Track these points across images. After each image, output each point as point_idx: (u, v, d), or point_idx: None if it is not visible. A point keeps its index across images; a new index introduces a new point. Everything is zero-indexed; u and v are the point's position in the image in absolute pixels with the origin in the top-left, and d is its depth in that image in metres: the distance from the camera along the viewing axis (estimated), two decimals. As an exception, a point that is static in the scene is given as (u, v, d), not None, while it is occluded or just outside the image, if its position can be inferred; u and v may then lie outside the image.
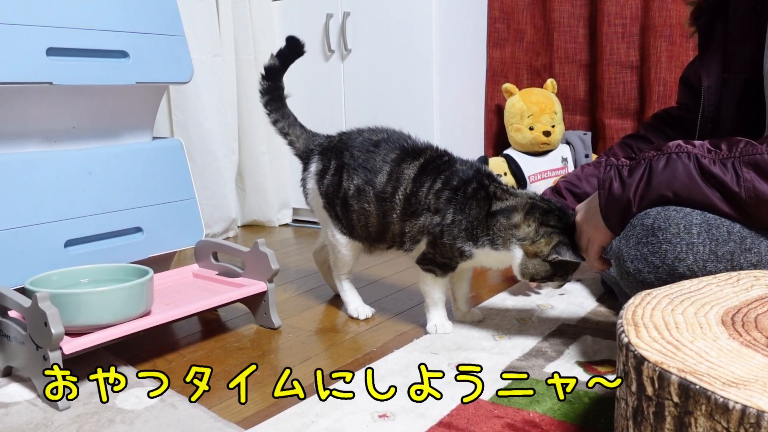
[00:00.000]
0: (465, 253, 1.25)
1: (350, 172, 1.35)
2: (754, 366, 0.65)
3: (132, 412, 1.06)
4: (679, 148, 1.05)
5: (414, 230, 1.30)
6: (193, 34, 2.22)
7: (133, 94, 1.58)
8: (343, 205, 1.38)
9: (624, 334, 0.74)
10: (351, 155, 1.36)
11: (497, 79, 2.56)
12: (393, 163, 1.31)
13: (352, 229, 1.41)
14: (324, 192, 1.42)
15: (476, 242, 1.23)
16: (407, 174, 1.29)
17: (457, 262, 1.29)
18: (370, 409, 1.03)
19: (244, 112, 2.55)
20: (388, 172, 1.31)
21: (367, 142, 1.37)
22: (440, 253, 1.28)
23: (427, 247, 1.29)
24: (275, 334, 1.42)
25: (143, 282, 1.22)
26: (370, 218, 1.34)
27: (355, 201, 1.35)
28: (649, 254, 1.03)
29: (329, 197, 1.41)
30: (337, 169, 1.38)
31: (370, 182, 1.32)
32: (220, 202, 2.43)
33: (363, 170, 1.33)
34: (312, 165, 1.45)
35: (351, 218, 1.38)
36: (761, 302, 0.83)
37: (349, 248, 1.45)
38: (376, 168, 1.32)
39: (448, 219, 1.25)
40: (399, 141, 1.35)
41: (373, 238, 1.38)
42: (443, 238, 1.25)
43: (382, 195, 1.31)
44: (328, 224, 1.46)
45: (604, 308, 1.50)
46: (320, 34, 2.50)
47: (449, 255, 1.27)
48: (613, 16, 2.37)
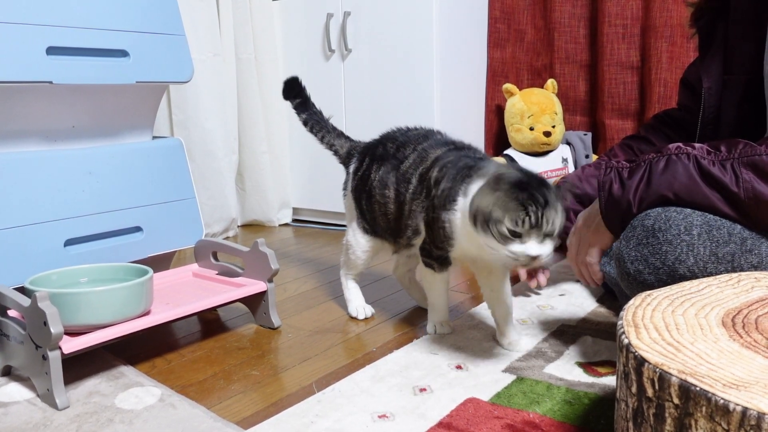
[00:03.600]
0: (446, 230, 1.16)
1: (379, 162, 1.34)
2: (755, 368, 0.65)
3: (131, 411, 1.06)
4: (679, 150, 1.06)
5: (417, 210, 1.24)
6: (193, 33, 2.22)
7: (133, 93, 1.57)
8: (368, 198, 1.37)
9: (624, 335, 0.74)
10: (384, 148, 1.36)
11: (498, 79, 2.56)
12: (421, 150, 1.29)
13: (375, 222, 1.38)
14: (354, 188, 1.42)
15: (452, 206, 1.13)
16: (431, 155, 1.26)
17: (447, 250, 1.21)
18: (369, 410, 1.03)
19: (244, 112, 2.55)
20: (414, 156, 1.28)
21: (402, 135, 1.36)
22: (432, 240, 1.23)
23: (425, 234, 1.25)
24: (275, 334, 1.42)
25: (143, 281, 1.22)
26: (389, 205, 1.31)
27: (377, 189, 1.33)
28: (650, 255, 1.03)
29: (358, 191, 1.40)
30: (370, 164, 1.37)
31: (395, 167, 1.30)
32: (220, 201, 2.43)
33: (392, 159, 1.32)
34: (351, 167, 1.46)
35: (374, 209, 1.36)
36: (762, 304, 0.83)
37: (366, 248, 1.44)
38: (404, 155, 1.30)
39: (440, 189, 1.18)
40: (434, 135, 1.34)
41: (392, 229, 1.34)
42: (434, 211, 1.18)
43: (402, 177, 1.28)
44: (353, 223, 1.45)
45: (605, 309, 1.50)
46: (321, 33, 2.50)
47: (439, 239, 1.20)
48: (613, 17, 2.37)
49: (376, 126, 2.04)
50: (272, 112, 2.61)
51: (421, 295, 1.57)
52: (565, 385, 1.10)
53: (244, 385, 1.16)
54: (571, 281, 1.73)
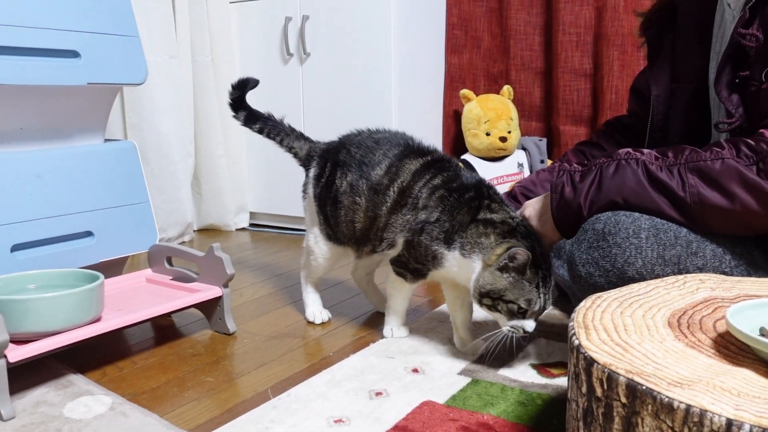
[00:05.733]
0: (438, 258, 1.20)
1: (345, 169, 1.32)
2: (699, 366, 0.67)
3: (80, 421, 1.03)
4: (628, 155, 1.08)
5: (397, 225, 1.25)
6: (148, 34, 2.18)
7: (85, 94, 1.54)
8: (333, 204, 1.35)
9: (575, 337, 0.76)
10: (348, 153, 1.34)
11: (455, 84, 2.59)
12: (394, 158, 1.28)
13: (338, 229, 1.36)
14: (318, 195, 1.40)
15: (450, 245, 1.17)
16: (408, 168, 1.25)
17: (429, 269, 1.24)
18: (325, 415, 1.03)
19: (200, 115, 2.52)
20: (387, 166, 1.27)
21: (367, 140, 1.35)
22: (414, 257, 1.24)
23: (402, 248, 1.25)
24: (230, 340, 1.40)
25: (93, 287, 1.19)
26: (357, 213, 1.30)
27: (346, 197, 1.31)
28: (600, 258, 1.06)
29: (321, 198, 1.39)
30: (333, 168, 1.36)
31: (365, 175, 1.29)
32: (176, 205, 2.39)
33: (359, 165, 1.30)
34: (311, 170, 1.44)
35: (339, 216, 1.34)
36: (706, 305, 0.85)
37: (328, 256, 1.43)
38: (374, 162, 1.29)
39: (433, 217, 1.19)
40: (403, 139, 1.33)
41: (358, 237, 1.33)
42: (422, 235, 1.20)
43: (376, 187, 1.27)
44: (314, 228, 1.44)
45: (558, 311, 1.52)
46: (279, 37, 2.49)
47: (423, 259, 1.22)
48: (567, 25, 2.42)
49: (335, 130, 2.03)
50: (229, 115, 2.56)
51: (379, 298, 1.57)
52: (519, 387, 1.11)
53: (198, 392, 1.14)
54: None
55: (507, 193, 1.59)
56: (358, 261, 1.52)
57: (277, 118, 1.56)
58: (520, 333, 1.13)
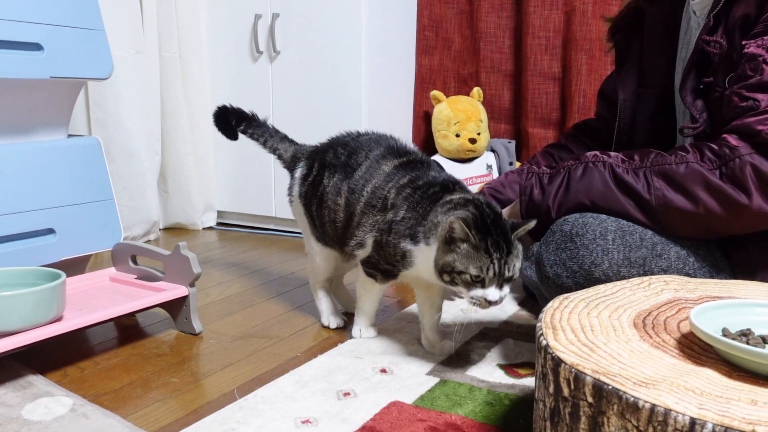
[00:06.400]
0: (407, 256, 1.18)
1: (331, 169, 1.32)
2: (663, 366, 0.68)
3: (40, 423, 1.00)
4: (596, 158, 1.10)
5: (367, 226, 1.24)
6: (114, 28, 2.14)
7: (47, 89, 1.50)
8: (318, 204, 1.34)
9: (543, 337, 0.76)
10: (334, 154, 1.33)
11: (425, 86, 2.60)
12: (373, 159, 1.27)
13: (324, 229, 1.35)
14: (304, 194, 1.38)
15: (416, 240, 1.15)
16: (383, 169, 1.25)
17: (399, 270, 1.22)
18: (293, 416, 1.02)
19: (168, 112, 2.48)
20: (366, 167, 1.27)
21: (353, 141, 1.34)
22: (383, 258, 1.23)
23: (372, 249, 1.24)
24: (196, 340, 1.38)
25: (54, 286, 1.16)
26: (338, 214, 1.29)
27: (329, 197, 1.30)
28: (568, 259, 1.07)
29: (308, 198, 1.37)
30: (320, 169, 1.35)
31: (347, 176, 1.28)
32: (141, 203, 2.35)
33: (343, 167, 1.30)
34: (297, 171, 1.42)
35: (323, 217, 1.33)
36: (670, 306, 0.87)
37: (323, 257, 1.41)
38: (356, 163, 1.29)
39: (399, 215, 1.18)
40: (386, 141, 1.32)
41: (340, 237, 1.32)
42: (390, 235, 1.19)
43: (353, 188, 1.26)
44: (307, 231, 1.43)
45: (526, 312, 1.54)
46: (249, 34, 2.46)
47: (392, 259, 1.21)
48: (537, 29, 2.44)
49: (304, 129, 2.02)
50: (197, 112, 2.55)
51: (347, 299, 1.56)
52: (486, 387, 1.12)
53: (162, 392, 1.12)
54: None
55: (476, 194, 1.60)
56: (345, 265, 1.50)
57: (261, 119, 1.54)
58: (485, 304, 1.08)
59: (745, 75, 1.03)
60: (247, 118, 1.54)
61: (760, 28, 1.03)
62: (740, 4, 1.08)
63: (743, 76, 1.03)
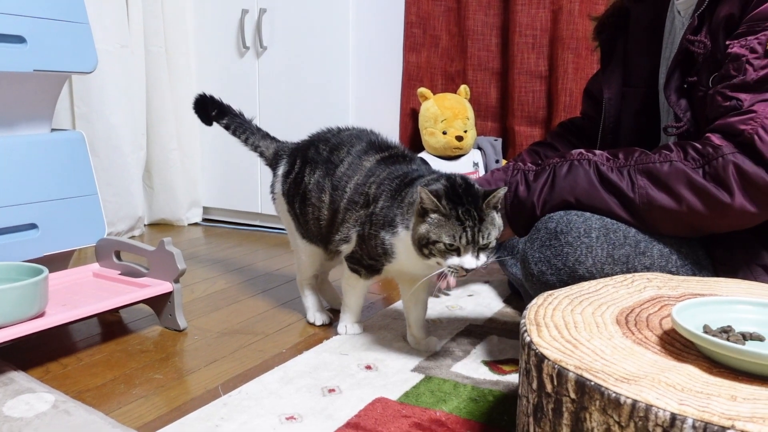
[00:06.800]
0: (388, 248, 1.17)
1: (313, 166, 1.31)
2: (645, 362, 0.69)
3: (21, 419, 0.99)
4: (581, 156, 1.10)
5: (350, 221, 1.24)
6: (99, 22, 2.12)
7: (31, 82, 1.48)
8: (301, 201, 1.34)
9: (526, 334, 0.77)
10: (316, 150, 1.33)
11: (413, 83, 2.60)
12: (355, 155, 1.27)
13: (308, 226, 1.35)
14: (286, 191, 1.38)
15: (394, 228, 1.15)
16: (365, 164, 1.25)
17: (382, 264, 1.22)
18: (277, 412, 1.02)
19: (153, 107, 2.46)
20: (349, 162, 1.27)
21: (334, 137, 1.33)
22: (367, 252, 1.23)
23: (355, 245, 1.24)
24: (180, 337, 1.38)
25: (36, 281, 1.15)
26: (322, 211, 1.29)
27: (313, 194, 1.30)
28: (552, 257, 1.07)
29: (291, 196, 1.37)
30: (302, 166, 1.34)
31: (330, 173, 1.28)
32: (126, 199, 2.33)
33: (325, 162, 1.29)
34: (279, 169, 1.41)
35: (307, 214, 1.33)
36: (653, 303, 0.88)
37: (308, 254, 1.41)
38: (338, 159, 1.28)
39: (378, 206, 1.18)
40: (368, 136, 1.32)
41: (324, 234, 1.32)
42: (371, 227, 1.19)
43: (336, 184, 1.26)
44: (291, 228, 1.42)
45: (511, 309, 1.54)
46: (235, 29, 2.45)
47: (374, 253, 1.21)
48: (524, 27, 2.45)
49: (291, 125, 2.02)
50: (183, 108, 2.53)
51: (332, 295, 1.56)
52: (471, 384, 1.12)
53: (146, 389, 1.12)
54: (479, 282, 1.77)
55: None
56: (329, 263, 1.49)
57: (246, 116, 1.54)
58: (462, 272, 1.08)
59: (728, 75, 1.04)
60: (230, 114, 1.53)
61: (744, 29, 1.04)
62: (724, 5, 1.09)
63: (727, 76, 1.04)
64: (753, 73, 1.01)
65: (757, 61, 1.01)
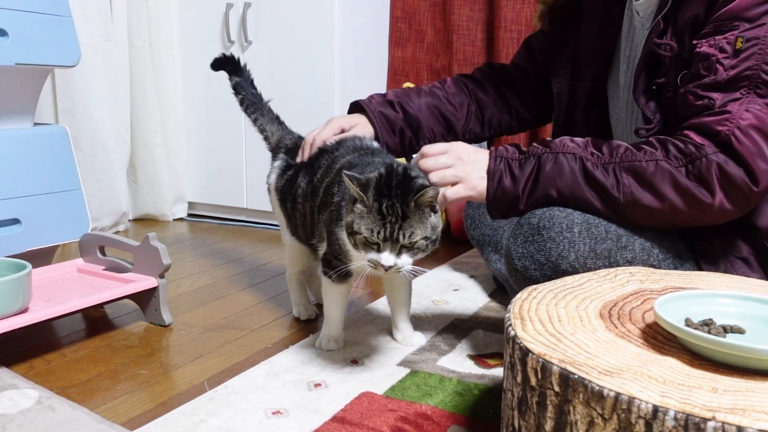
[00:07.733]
0: (341, 243, 1.12)
1: (305, 169, 1.30)
2: (628, 355, 0.70)
3: (5, 416, 0.99)
4: (566, 148, 1.10)
5: (322, 222, 1.21)
6: (82, 16, 2.10)
7: (12, 75, 1.47)
8: (292, 202, 1.33)
9: (511, 328, 0.77)
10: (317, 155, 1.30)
11: (398, 77, 2.60)
12: (332, 158, 1.25)
13: (296, 228, 1.35)
14: (281, 188, 1.38)
15: (341, 222, 1.10)
16: (336, 166, 1.22)
17: (345, 262, 1.17)
18: (263, 406, 1.02)
19: (137, 102, 2.44)
20: (326, 166, 1.24)
21: (329, 145, 1.30)
22: (332, 251, 1.19)
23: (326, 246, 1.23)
24: (166, 332, 1.37)
25: (19, 277, 1.14)
26: (306, 216, 1.28)
27: (301, 198, 1.29)
28: (535, 252, 1.08)
29: (284, 194, 1.37)
30: (298, 167, 1.33)
31: (314, 176, 1.26)
32: (110, 194, 2.31)
33: (311, 168, 1.28)
34: (277, 161, 1.41)
35: (296, 216, 1.33)
36: (635, 296, 0.89)
37: (296, 250, 1.41)
38: (318, 165, 1.27)
39: (334, 201, 1.15)
40: (352, 142, 1.28)
41: (308, 237, 1.30)
42: (330, 224, 1.16)
43: (314, 186, 1.25)
44: (282, 223, 1.42)
45: (496, 303, 1.55)
46: (220, 23, 2.43)
47: (336, 251, 1.17)
48: (509, 22, 2.46)
49: (276, 120, 2.00)
50: (168, 102, 2.52)
51: (319, 289, 1.56)
52: (456, 377, 1.13)
53: (131, 384, 1.11)
54: (465, 276, 1.78)
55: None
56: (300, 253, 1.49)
57: (264, 97, 1.52)
58: (380, 269, 1.01)
59: (698, 74, 1.05)
60: (248, 91, 1.52)
61: (710, 28, 1.05)
62: (689, 6, 1.09)
63: (697, 75, 1.05)
64: (724, 73, 1.02)
65: (727, 60, 1.02)
